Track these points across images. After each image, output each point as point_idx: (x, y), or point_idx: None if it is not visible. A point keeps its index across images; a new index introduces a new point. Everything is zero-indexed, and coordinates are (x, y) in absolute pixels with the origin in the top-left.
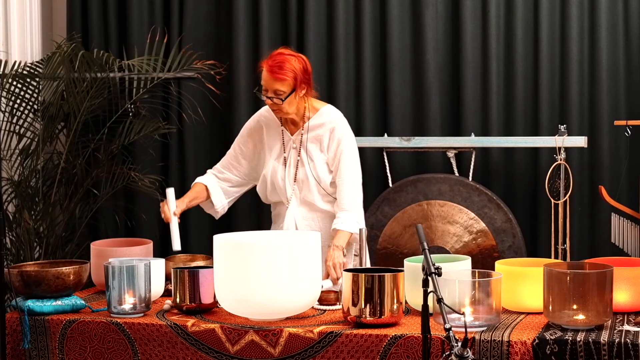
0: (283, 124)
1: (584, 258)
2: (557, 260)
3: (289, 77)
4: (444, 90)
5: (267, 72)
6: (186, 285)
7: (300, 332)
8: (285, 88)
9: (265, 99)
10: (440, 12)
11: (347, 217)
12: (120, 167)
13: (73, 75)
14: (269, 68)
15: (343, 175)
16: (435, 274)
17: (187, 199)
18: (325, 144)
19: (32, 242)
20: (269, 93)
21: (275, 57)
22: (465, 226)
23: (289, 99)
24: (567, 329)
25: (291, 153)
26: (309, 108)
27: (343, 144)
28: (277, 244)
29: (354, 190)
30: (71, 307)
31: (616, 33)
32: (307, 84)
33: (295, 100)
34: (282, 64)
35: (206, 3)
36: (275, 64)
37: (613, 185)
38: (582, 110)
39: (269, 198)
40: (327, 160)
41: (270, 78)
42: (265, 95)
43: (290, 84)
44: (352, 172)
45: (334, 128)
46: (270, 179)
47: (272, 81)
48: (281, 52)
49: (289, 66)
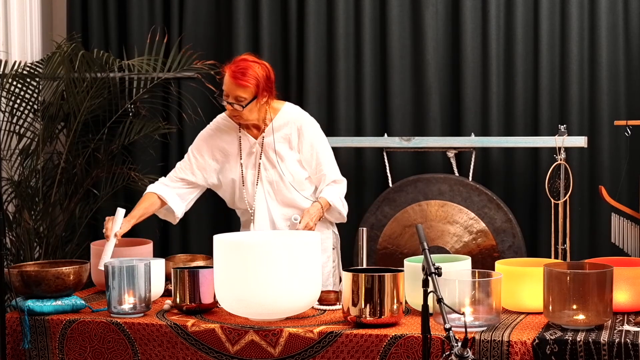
0: (243, 128)
1: (584, 258)
2: (557, 260)
3: (252, 84)
4: (444, 90)
5: (230, 78)
6: (186, 285)
7: (300, 332)
8: (247, 95)
9: (225, 104)
10: (440, 12)
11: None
12: (120, 167)
13: (73, 75)
14: (232, 73)
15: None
16: (435, 274)
17: (136, 217)
18: (294, 142)
19: (32, 242)
20: (229, 99)
21: (239, 63)
22: (465, 226)
23: (250, 106)
24: (567, 329)
25: (255, 157)
26: (270, 110)
27: (316, 143)
28: (277, 244)
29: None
30: (71, 307)
31: (616, 33)
32: (269, 92)
33: (256, 107)
34: (246, 70)
35: (206, 3)
36: (238, 70)
37: (613, 185)
38: (582, 110)
39: (236, 204)
40: (300, 159)
41: (232, 84)
42: (226, 100)
43: (252, 92)
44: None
45: (301, 126)
46: (237, 185)
47: (234, 87)
48: (245, 59)
49: (252, 73)
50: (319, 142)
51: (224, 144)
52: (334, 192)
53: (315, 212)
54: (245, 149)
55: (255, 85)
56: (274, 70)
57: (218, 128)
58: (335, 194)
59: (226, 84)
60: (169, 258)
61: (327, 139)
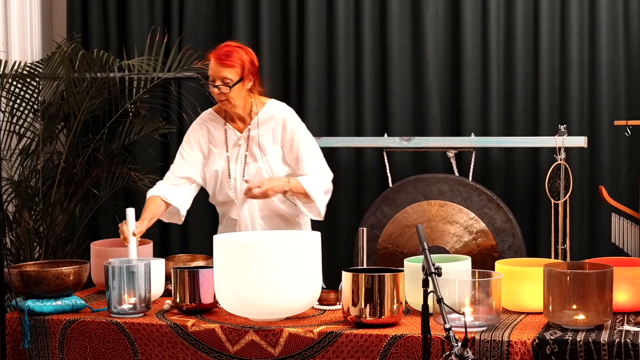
0: (229, 121)
1: (584, 258)
2: (557, 260)
3: (237, 64)
4: (444, 90)
5: (215, 61)
6: (186, 285)
7: (300, 332)
8: (233, 76)
9: (212, 88)
10: (440, 12)
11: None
12: (120, 167)
13: (73, 75)
14: (217, 56)
15: (304, 165)
16: (435, 274)
17: (146, 220)
18: (278, 136)
19: (32, 242)
20: (216, 82)
21: (223, 48)
22: (465, 226)
23: (237, 87)
24: (567, 329)
25: (240, 150)
26: (256, 103)
27: (297, 137)
28: (277, 244)
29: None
30: (71, 307)
31: (616, 33)
32: (254, 76)
33: (243, 90)
34: (230, 53)
35: (206, 3)
36: (222, 53)
37: (613, 185)
38: (582, 110)
39: (217, 197)
40: (282, 154)
41: (217, 66)
42: (212, 85)
43: (238, 72)
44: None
45: (285, 120)
46: (220, 178)
47: (219, 69)
48: (228, 44)
49: (237, 55)
50: (300, 136)
51: (210, 137)
52: (312, 180)
53: (279, 181)
54: (230, 142)
55: (240, 65)
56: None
57: (204, 122)
58: (313, 182)
59: (212, 69)
60: (169, 258)
61: (326, 139)
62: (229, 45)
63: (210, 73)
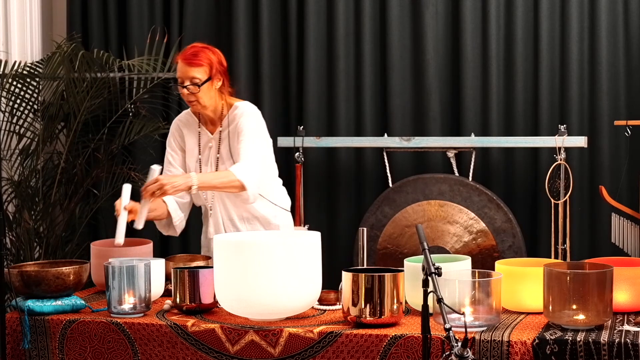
0: (202, 124)
1: (584, 258)
2: (557, 260)
3: (205, 63)
4: (444, 90)
5: (182, 62)
6: (186, 285)
7: (300, 332)
8: (201, 75)
9: (181, 90)
10: (440, 12)
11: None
12: (120, 167)
13: (73, 75)
14: (184, 57)
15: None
16: (435, 274)
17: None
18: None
19: (32, 242)
20: (185, 83)
21: (190, 49)
22: (465, 226)
23: (205, 87)
24: (567, 329)
25: (211, 152)
26: (226, 105)
27: (243, 129)
28: (277, 244)
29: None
30: (71, 307)
31: (616, 33)
32: (223, 76)
33: (212, 90)
34: (197, 52)
35: (206, 3)
36: (189, 53)
37: (613, 185)
38: (582, 110)
39: (193, 200)
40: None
41: (185, 66)
42: (181, 86)
43: (206, 71)
44: (250, 146)
45: (241, 116)
46: None
47: (187, 69)
48: (194, 45)
49: (204, 55)
50: (247, 128)
51: (186, 138)
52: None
53: (181, 178)
54: (203, 144)
55: (208, 65)
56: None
57: (181, 123)
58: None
59: (180, 70)
60: (169, 258)
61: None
62: (195, 46)
63: (179, 75)
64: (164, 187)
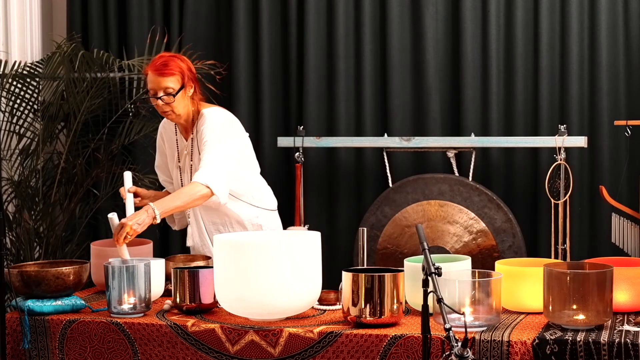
0: (180, 131)
1: (584, 258)
2: (557, 260)
3: (176, 72)
4: (444, 90)
5: (153, 73)
6: (186, 285)
7: (300, 332)
8: (174, 84)
9: (155, 101)
10: (440, 12)
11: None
12: (120, 167)
13: (73, 75)
14: (155, 68)
15: (201, 155)
16: (435, 274)
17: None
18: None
19: (32, 242)
20: (158, 94)
21: (158, 59)
22: (465, 226)
23: (179, 96)
24: (567, 329)
25: (186, 159)
26: (196, 112)
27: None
28: (277, 244)
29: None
30: (71, 307)
31: (616, 33)
32: (194, 83)
33: (185, 98)
34: (167, 62)
35: (206, 3)
36: (160, 64)
37: (613, 185)
38: (582, 110)
39: None
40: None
41: (157, 77)
42: (155, 97)
43: (178, 80)
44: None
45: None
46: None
47: (160, 79)
48: (162, 55)
49: (174, 63)
50: (208, 135)
51: (166, 144)
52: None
53: (140, 215)
54: (180, 151)
55: (180, 73)
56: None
57: (163, 128)
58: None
59: (151, 81)
60: (169, 258)
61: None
62: (163, 56)
63: (151, 86)
64: (132, 228)
